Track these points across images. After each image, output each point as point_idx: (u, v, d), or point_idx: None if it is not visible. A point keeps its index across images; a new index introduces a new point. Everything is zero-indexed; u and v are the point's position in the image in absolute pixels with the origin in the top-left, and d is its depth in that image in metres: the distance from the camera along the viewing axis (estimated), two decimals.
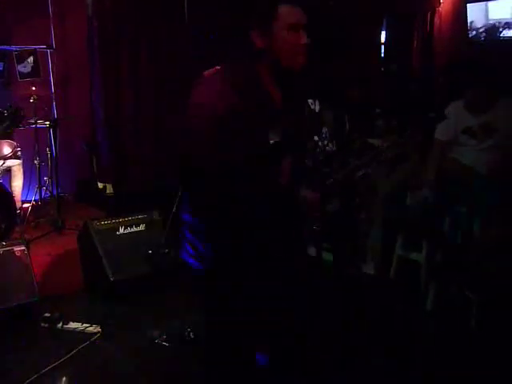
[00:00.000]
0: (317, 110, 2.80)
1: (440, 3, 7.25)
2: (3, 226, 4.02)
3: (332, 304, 3.21)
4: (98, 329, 3.33)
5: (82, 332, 3.31)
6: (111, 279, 3.67)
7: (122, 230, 3.97)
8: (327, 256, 3.63)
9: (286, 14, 1.85)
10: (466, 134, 3.65)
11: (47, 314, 3.42)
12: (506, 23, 6.10)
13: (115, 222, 3.97)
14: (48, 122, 4.73)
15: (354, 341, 2.97)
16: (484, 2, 6.32)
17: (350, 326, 3.00)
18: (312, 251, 2.91)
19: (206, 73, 1.96)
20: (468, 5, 6.50)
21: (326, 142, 2.82)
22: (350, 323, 3.02)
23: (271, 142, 1.86)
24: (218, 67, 1.96)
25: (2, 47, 5.15)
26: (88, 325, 3.36)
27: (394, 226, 4.06)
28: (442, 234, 3.69)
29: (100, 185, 5.51)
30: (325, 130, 2.82)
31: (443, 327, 3.35)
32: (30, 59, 5.23)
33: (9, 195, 4.26)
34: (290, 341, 2.14)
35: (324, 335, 3.05)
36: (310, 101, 2.78)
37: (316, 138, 2.80)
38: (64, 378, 2.70)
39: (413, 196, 3.76)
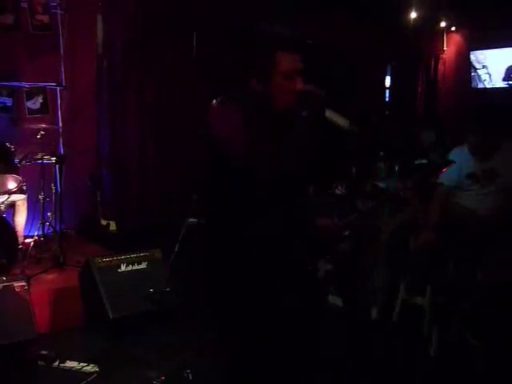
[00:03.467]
0: None
1: (444, 50, 7.40)
2: (4, 261, 4.00)
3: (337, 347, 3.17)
4: (96, 368, 3.28)
5: (79, 371, 3.26)
6: (111, 317, 3.64)
7: (123, 268, 3.96)
8: (334, 300, 3.61)
9: (282, 63, 1.94)
10: (469, 179, 3.66)
11: (44, 352, 3.38)
12: None
13: (117, 260, 3.96)
14: (54, 158, 4.76)
15: None
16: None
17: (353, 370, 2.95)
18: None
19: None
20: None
21: (336, 185, 2.84)
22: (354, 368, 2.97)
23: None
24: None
25: (12, 83, 5.22)
26: (85, 364, 3.31)
27: (398, 269, 4.03)
28: (446, 279, 3.66)
29: (103, 221, 5.50)
30: None
31: (446, 373, 3.29)
32: (40, 96, 5.30)
33: (11, 230, 4.26)
34: None
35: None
36: None
37: None
38: None
39: (415, 240, 3.74)
